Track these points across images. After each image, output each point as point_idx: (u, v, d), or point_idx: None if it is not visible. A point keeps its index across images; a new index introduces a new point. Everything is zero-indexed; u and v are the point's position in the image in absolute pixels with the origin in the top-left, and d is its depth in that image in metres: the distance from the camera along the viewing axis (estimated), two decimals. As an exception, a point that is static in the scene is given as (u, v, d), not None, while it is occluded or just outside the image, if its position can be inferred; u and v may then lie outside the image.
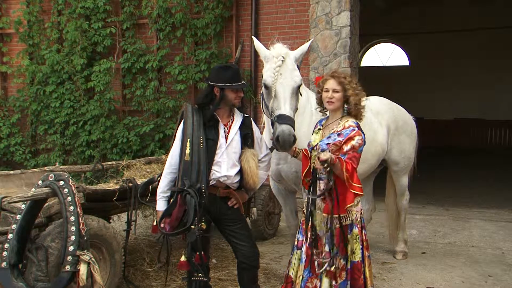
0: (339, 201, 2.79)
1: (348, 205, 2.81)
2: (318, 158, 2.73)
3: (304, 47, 3.17)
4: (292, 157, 3.12)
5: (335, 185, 2.75)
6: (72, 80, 7.67)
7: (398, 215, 4.69)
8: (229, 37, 7.17)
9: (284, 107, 2.92)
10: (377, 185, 4.88)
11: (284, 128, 2.85)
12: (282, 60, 3.00)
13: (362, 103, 2.99)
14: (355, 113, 2.97)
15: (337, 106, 2.96)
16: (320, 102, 3.07)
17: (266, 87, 3.03)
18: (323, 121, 3.09)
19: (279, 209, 5.22)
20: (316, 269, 2.82)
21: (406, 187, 4.56)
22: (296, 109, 3.05)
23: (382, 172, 4.72)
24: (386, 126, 4.14)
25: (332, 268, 2.80)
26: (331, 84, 2.95)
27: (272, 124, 2.97)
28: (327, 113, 3.09)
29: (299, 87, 3.03)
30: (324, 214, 2.87)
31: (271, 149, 3.12)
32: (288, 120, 2.87)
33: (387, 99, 4.49)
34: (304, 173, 3.01)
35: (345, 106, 2.97)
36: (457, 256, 4.74)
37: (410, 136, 4.45)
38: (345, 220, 2.86)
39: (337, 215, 2.82)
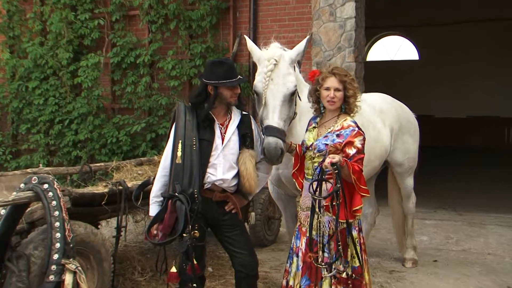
0: (346, 205, 2.78)
1: (355, 208, 2.83)
2: (326, 162, 2.73)
3: (300, 46, 3.10)
4: (287, 152, 3.11)
5: (342, 189, 2.74)
6: (57, 75, 7.66)
7: (404, 219, 4.70)
8: (226, 30, 7.16)
9: (272, 118, 2.90)
10: (384, 187, 4.87)
11: (270, 140, 2.83)
12: (275, 64, 2.95)
13: (358, 103, 3.01)
14: (350, 112, 2.97)
15: (338, 106, 2.95)
16: (316, 99, 3.04)
17: (257, 93, 3.01)
18: (317, 119, 3.07)
19: (279, 213, 5.22)
20: (323, 273, 2.82)
21: (412, 189, 4.57)
22: (290, 117, 3.03)
23: (384, 172, 4.71)
24: (389, 126, 4.14)
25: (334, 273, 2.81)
26: (333, 82, 2.91)
27: (262, 133, 2.96)
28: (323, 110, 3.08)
29: (293, 93, 3.00)
30: (328, 214, 2.86)
31: None
32: (275, 132, 2.85)
33: (390, 96, 4.49)
34: (295, 169, 3.02)
35: (342, 105, 2.96)
36: (472, 264, 4.73)
37: (414, 136, 4.47)
38: (343, 224, 2.86)
39: (344, 220, 2.81)
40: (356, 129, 2.87)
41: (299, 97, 3.14)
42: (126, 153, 7.17)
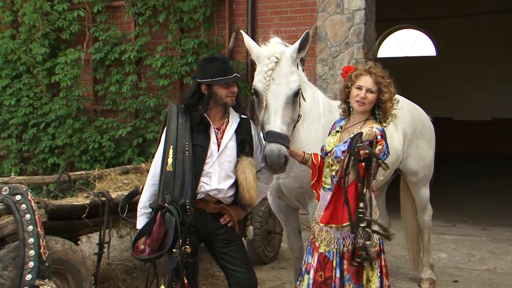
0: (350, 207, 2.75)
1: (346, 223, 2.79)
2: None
3: (296, 44, 3.08)
4: (300, 163, 3.12)
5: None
6: (31, 73, 7.68)
7: (419, 234, 4.72)
8: (221, 23, 7.20)
9: (274, 122, 2.91)
10: (396, 198, 4.89)
11: (272, 147, 2.85)
12: (276, 62, 2.96)
13: (394, 111, 2.99)
14: (384, 120, 2.96)
15: (367, 109, 2.95)
16: (345, 97, 3.06)
17: (256, 94, 3.02)
18: (342, 122, 3.09)
19: (280, 227, 5.23)
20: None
21: (427, 200, 4.59)
22: (294, 121, 3.06)
23: (396, 182, 4.72)
24: (402, 130, 4.16)
25: None
26: (366, 81, 2.92)
27: (264, 139, 2.97)
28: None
29: (296, 94, 3.02)
30: (321, 224, 2.87)
31: None
32: (277, 138, 2.87)
33: (402, 97, 4.50)
34: (314, 180, 3.02)
35: (376, 111, 2.96)
36: (498, 286, 4.73)
37: (429, 141, 4.49)
38: (359, 241, 2.86)
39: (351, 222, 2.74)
40: (379, 137, 2.83)
41: (303, 97, 3.16)
42: (110, 160, 7.19)
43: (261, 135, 3.11)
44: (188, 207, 2.78)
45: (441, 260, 5.42)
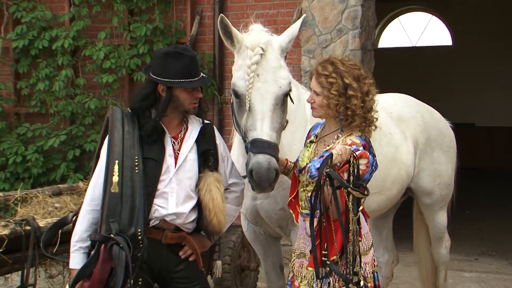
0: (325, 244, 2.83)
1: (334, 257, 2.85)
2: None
3: (293, 30, 3.17)
4: (282, 173, 3.17)
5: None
6: None
7: (434, 271, 4.76)
8: (181, 4, 7.24)
9: (261, 128, 2.93)
10: (402, 224, 4.95)
11: (261, 160, 2.86)
12: (261, 54, 2.99)
13: (372, 113, 3.03)
14: (361, 128, 2.99)
15: (321, 114, 3.04)
16: None
17: (237, 94, 3.04)
18: (318, 129, 3.15)
19: (256, 262, 5.27)
20: None
21: (444, 228, 4.64)
22: (282, 126, 3.11)
23: (407, 205, 4.80)
24: (412, 139, 4.22)
25: None
26: (312, 82, 3.04)
27: (247, 149, 2.99)
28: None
29: (286, 94, 3.07)
30: (309, 268, 2.92)
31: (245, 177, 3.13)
32: (266, 148, 2.89)
33: (413, 98, 4.60)
34: (292, 197, 3.09)
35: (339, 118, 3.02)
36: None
37: (448, 153, 4.54)
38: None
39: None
40: (361, 148, 2.90)
41: (291, 98, 3.22)
42: (37, 178, 7.14)
43: (240, 144, 3.14)
44: (140, 237, 2.79)
45: (460, 303, 5.52)
